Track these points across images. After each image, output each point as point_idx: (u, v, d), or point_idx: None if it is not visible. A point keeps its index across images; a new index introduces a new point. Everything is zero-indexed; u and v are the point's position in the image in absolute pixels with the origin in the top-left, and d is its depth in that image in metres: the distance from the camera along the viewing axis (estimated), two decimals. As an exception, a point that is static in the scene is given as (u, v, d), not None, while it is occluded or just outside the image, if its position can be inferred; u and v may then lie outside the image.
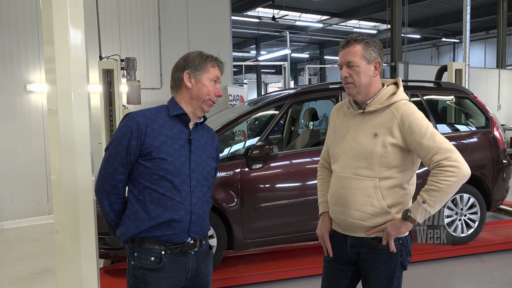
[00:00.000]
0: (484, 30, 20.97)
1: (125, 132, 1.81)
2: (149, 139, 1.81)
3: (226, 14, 8.28)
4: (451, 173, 1.81)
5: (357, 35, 1.99)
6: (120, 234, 1.88)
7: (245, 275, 3.95)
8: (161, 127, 1.85)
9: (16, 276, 4.31)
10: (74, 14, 2.71)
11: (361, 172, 1.96)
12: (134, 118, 1.83)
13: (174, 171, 1.83)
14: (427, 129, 1.88)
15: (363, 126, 2.00)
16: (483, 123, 4.84)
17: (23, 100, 6.25)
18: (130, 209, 1.86)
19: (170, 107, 1.93)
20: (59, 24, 2.66)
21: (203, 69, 1.94)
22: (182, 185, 1.85)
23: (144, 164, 1.82)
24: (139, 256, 1.85)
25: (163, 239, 1.83)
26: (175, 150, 1.85)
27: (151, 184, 1.82)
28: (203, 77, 1.93)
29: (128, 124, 1.82)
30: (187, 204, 1.85)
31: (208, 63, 1.95)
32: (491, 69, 13.69)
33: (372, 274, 2.02)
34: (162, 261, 1.83)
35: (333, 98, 4.36)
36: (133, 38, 7.18)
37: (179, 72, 1.93)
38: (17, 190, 6.25)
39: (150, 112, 1.89)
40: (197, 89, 1.92)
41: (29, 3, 6.25)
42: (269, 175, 3.98)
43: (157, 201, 1.82)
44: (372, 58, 1.96)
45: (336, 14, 17.66)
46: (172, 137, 1.86)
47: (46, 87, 2.82)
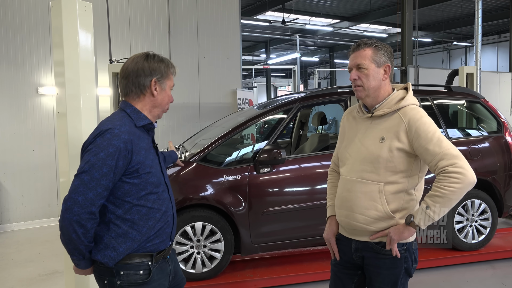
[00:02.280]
0: (497, 33, 20.74)
1: (111, 153, 1.64)
2: (135, 156, 1.71)
3: (235, 17, 8.30)
4: (456, 180, 1.79)
5: (367, 39, 2.00)
6: (109, 259, 1.72)
7: (252, 279, 3.93)
8: (139, 140, 1.75)
9: (25, 277, 4.34)
10: (83, 18, 2.74)
11: (367, 176, 1.95)
12: (119, 135, 1.67)
13: (157, 182, 1.80)
14: (433, 135, 1.86)
15: (371, 130, 2.00)
16: (495, 128, 4.77)
17: (34, 103, 6.32)
18: (115, 231, 1.72)
19: (133, 116, 1.79)
20: (69, 28, 2.69)
21: (168, 77, 1.85)
22: (164, 193, 1.84)
23: (130, 181, 1.71)
24: (126, 273, 1.74)
25: (150, 249, 1.78)
26: (152, 160, 1.80)
27: (139, 201, 1.73)
28: (167, 86, 1.86)
29: (114, 143, 1.65)
30: (170, 210, 1.86)
31: (170, 70, 1.87)
32: (503, 73, 13.52)
33: (376, 279, 2.00)
34: (151, 272, 1.78)
35: (342, 102, 4.34)
36: (143, 42, 7.23)
37: (144, 78, 1.79)
38: (28, 192, 6.31)
39: (127, 125, 1.74)
40: (161, 98, 1.84)
41: (41, 6, 6.33)
42: (277, 179, 3.97)
43: (147, 216, 1.75)
44: (381, 62, 1.96)
45: (346, 18, 17.61)
46: (147, 148, 1.79)
47: (55, 90, 2.84)
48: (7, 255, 5.05)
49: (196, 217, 3.74)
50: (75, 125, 2.73)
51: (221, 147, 4.05)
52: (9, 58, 6.16)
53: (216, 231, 3.79)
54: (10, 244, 5.50)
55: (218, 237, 3.80)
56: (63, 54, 2.70)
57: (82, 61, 2.74)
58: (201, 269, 3.79)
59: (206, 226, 3.77)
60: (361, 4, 15.56)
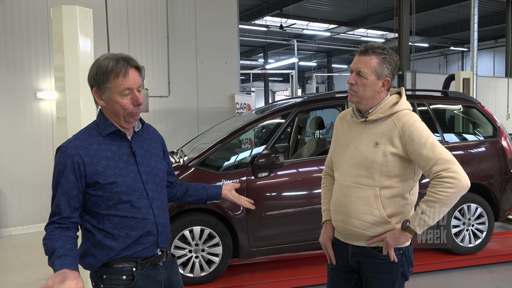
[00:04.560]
0: (493, 38, 20.88)
1: (60, 170, 1.66)
2: (90, 168, 1.67)
3: (234, 22, 8.34)
4: (450, 184, 1.80)
5: (378, 45, 1.94)
6: (89, 266, 1.74)
7: (251, 283, 3.94)
8: (98, 151, 1.70)
9: (23, 282, 4.34)
10: (84, 23, 2.77)
11: (362, 181, 1.96)
12: (65, 152, 1.66)
13: (128, 190, 1.72)
14: (427, 140, 1.87)
15: (364, 135, 2.00)
16: (491, 133, 4.81)
17: (33, 108, 6.33)
18: (92, 239, 1.73)
19: (100, 125, 1.75)
20: (69, 33, 2.72)
21: (108, 83, 1.67)
22: (140, 201, 1.75)
23: (95, 193, 1.69)
24: (109, 277, 1.73)
25: (133, 256, 1.75)
26: (121, 169, 1.72)
27: (108, 210, 1.70)
28: (111, 93, 1.68)
29: (61, 161, 1.66)
30: (150, 217, 1.77)
31: (109, 75, 1.66)
32: (500, 78, 13.61)
33: (373, 283, 2.01)
34: (135, 278, 1.74)
35: (340, 107, 4.37)
36: (142, 47, 7.27)
37: (91, 90, 1.74)
38: (26, 196, 6.31)
39: (80, 139, 1.71)
40: (111, 106, 1.71)
41: (40, 12, 6.36)
42: (275, 184, 3.99)
43: (120, 224, 1.72)
44: (383, 75, 1.94)
45: (344, 23, 17.70)
46: (113, 157, 1.72)
47: (56, 94, 2.87)
48: (5, 260, 5.04)
49: (194, 221, 3.76)
50: (75, 129, 2.72)
51: (219, 152, 4.08)
52: (8, 63, 6.18)
53: (214, 235, 3.80)
54: (8, 249, 5.49)
55: (216, 241, 3.81)
56: (63, 59, 2.72)
57: (82, 66, 2.77)
58: (199, 273, 3.81)
59: (204, 230, 3.78)
60: (358, 9, 15.65)
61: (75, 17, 2.71)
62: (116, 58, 1.68)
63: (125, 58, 1.69)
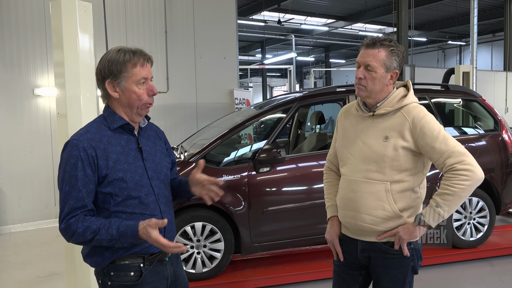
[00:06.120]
0: (491, 32, 20.86)
1: (74, 164, 1.62)
2: (101, 162, 1.65)
3: (232, 18, 8.30)
4: (465, 177, 1.80)
5: (385, 37, 1.92)
6: (96, 264, 1.73)
7: (253, 279, 3.93)
8: (108, 145, 1.69)
9: (24, 279, 4.32)
10: (83, 18, 2.73)
11: (372, 176, 1.93)
12: (77, 145, 1.64)
13: (136, 186, 1.71)
14: (439, 133, 1.86)
15: (373, 129, 1.97)
16: (492, 126, 4.80)
17: (31, 104, 6.29)
18: None
19: (108, 118, 1.74)
20: (68, 29, 2.68)
21: (125, 73, 1.69)
22: (148, 197, 1.74)
23: (103, 190, 1.67)
24: (116, 274, 1.72)
25: (141, 252, 1.74)
26: (130, 164, 1.71)
27: (117, 207, 1.69)
28: (128, 83, 1.70)
29: (74, 154, 1.63)
30: (157, 213, 1.77)
31: (127, 64, 1.68)
32: (498, 72, 13.60)
33: (384, 279, 1.99)
34: (143, 274, 1.74)
35: (340, 101, 4.35)
36: (140, 42, 7.21)
37: (101, 82, 1.72)
38: (25, 193, 6.28)
39: (91, 132, 1.70)
40: (125, 98, 1.71)
41: (37, 8, 6.30)
42: (277, 179, 3.97)
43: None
44: (392, 68, 1.92)
45: (342, 18, 17.65)
46: (122, 152, 1.71)
47: (55, 91, 2.83)
48: (5, 257, 5.02)
49: (196, 217, 3.74)
50: (76, 126, 2.71)
51: (220, 147, 4.06)
52: (5, 59, 6.13)
53: (216, 231, 3.79)
54: (7, 246, 5.47)
55: (218, 237, 3.80)
56: (63, 55, 2.69)
57: (82, 62, 2.73)
58: (201, 269, 3.80)
59: (206, 226, 3.77)
60: (356, 3, 15.60)
61: (74, 12, 2.67)
62: (131, 50, 1.72)
63: (140, 50, 1.74)
